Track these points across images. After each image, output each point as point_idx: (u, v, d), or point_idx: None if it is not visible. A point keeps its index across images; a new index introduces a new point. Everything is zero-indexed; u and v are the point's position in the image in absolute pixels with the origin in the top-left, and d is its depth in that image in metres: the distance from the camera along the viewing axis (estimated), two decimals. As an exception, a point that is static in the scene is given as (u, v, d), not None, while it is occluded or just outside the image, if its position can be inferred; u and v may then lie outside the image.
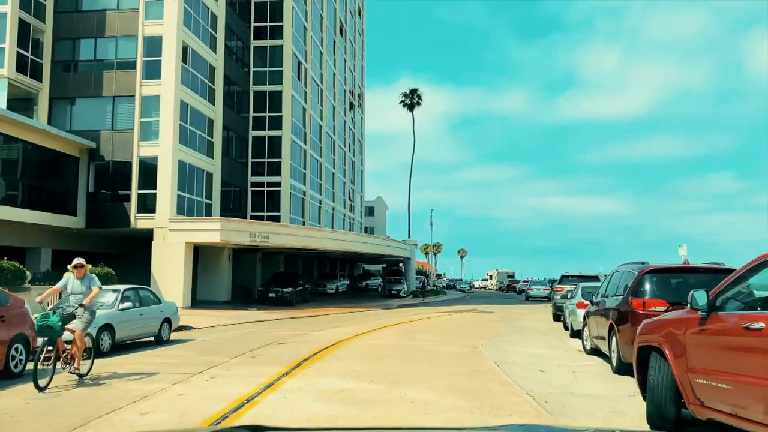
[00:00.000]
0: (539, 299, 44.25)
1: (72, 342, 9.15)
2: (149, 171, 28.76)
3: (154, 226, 28.22)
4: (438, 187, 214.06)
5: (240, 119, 38.90)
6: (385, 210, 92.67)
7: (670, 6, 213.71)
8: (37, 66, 29.32)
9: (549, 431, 3.74)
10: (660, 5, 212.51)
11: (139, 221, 28.55)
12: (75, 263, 9.58)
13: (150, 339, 15.11)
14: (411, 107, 71.37)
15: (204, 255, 32.10)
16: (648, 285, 9.77)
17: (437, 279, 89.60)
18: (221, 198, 34.35)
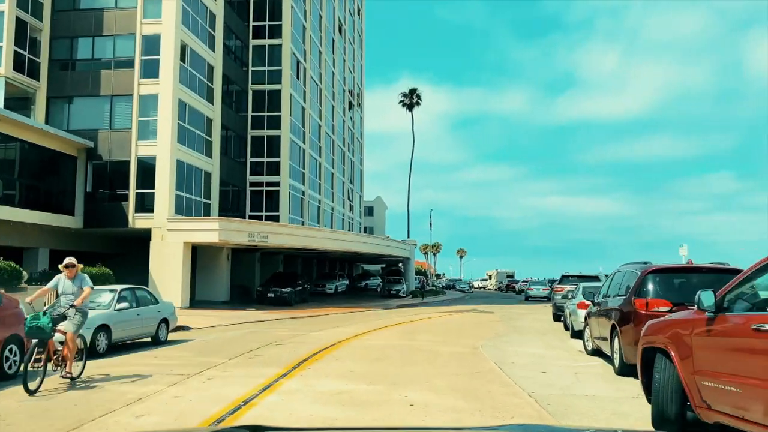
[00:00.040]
0: (539, 299, 44.17)
1: (63, 343, 8.92)
2: (147, 170, 28.62)
3: (152, 225, 28.07)
4: (437, 187, 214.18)
5: (239, 118, 38.76)
6: (385, 210, 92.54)
7: (670, 6, 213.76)
8: (35, 65, 29.17)
9: (549, 431, 3.69)
10: (660, 5, 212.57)
11: (137, 221, 28.41)
12: (66, 263, 9.34)
13: (147, 339, 14.97)
14: (410, 107, 71.26)
15: (202, 255, 31.96)
16: (651, 285, 9.64)
17: (436, 279, 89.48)
18: (220, 198, 34.21)
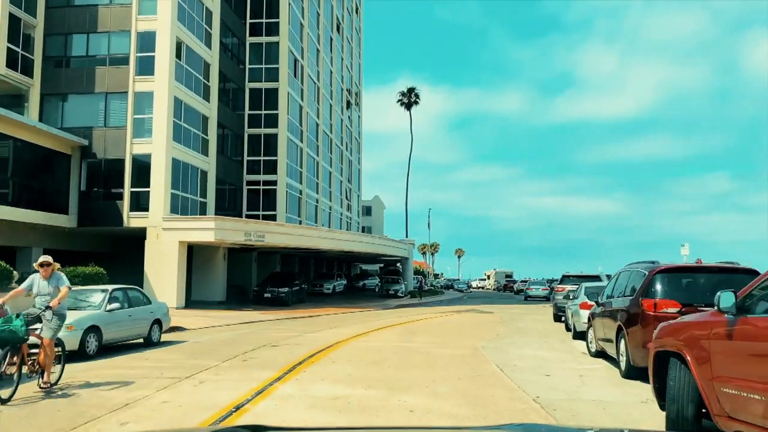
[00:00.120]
0: (538, 299, 44.01)
1: (39, 347, 8.37)
2: (142, 169, 28.23)
3: (147, 224, 27.68)
4: (436, 187, 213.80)
5: (235, 116, 38.37)
6: (383, 209, 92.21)
7: (668, 7, 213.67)
8: (28, 62, 28.74)
9: (550, 431, 3.63)
10: (658, 6, 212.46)
11: (132, 220, 28.01)
12: (41, 261, 8.68)
13: (139, 341, 14.60)
14: (408, 106, 70.93)
15: (198, 254, 31.56)
16: (659, 285, 9.29)
17: (435, 279, 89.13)
18: (216, 196, 33.82)
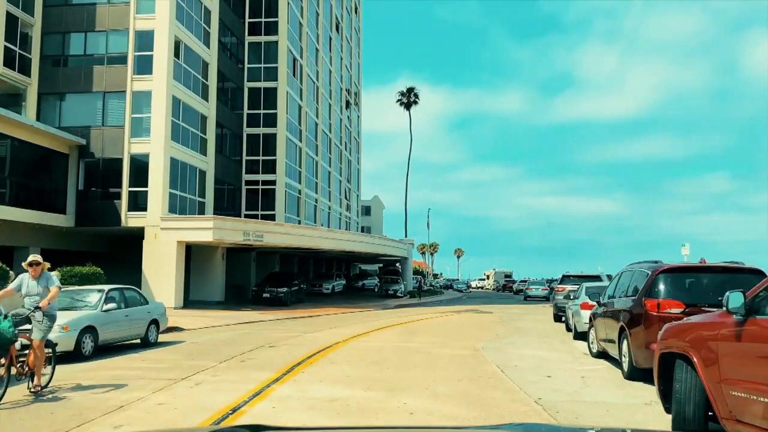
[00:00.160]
0: (537, 299, 43.92)
1: (29, 348, 8.14)
2: (140, 168, 28.08)
3: (145, 224, 27.52)
4: (435, 187, 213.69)
5: (234, 116, 38.21)
6: (382, 209, 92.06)
7: (668, 7, 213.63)
8: (26, 61, 28.58)
9: (550, 430, 3.59)
10: (658, 6, 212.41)
11: (130, 220, 27.85)
12: (30, 260, 8.44)
13: (136, 341, 14.46)
14: (408, 106, 70.74)
15: (197, 254, 31.42)
16: (662, 285, 9.15)
17: (434, 279, 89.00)
18: (215, 196, 33.67)
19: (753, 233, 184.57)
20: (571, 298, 18.77)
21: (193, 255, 31.12)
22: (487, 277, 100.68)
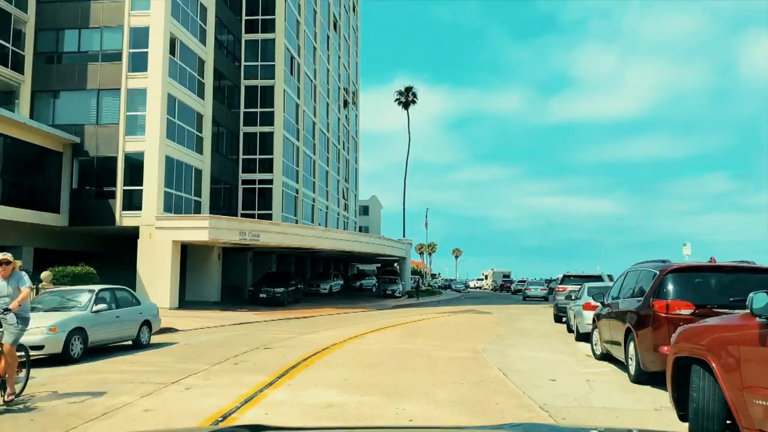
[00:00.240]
0: (537, 299, 43.72)
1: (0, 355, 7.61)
2: (135, 167, 27.69)
3: (140, 224, 27.13)
4: (434, 187, 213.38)
5: (231, 114, 37.83)
6: (380, 209, 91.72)
7: (665, 7, 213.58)
8: (19, 58, 28.18)
9: (551, 430, 3.55)
10: (655, 6, 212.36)
11: (125, 219, 27.47)
12: None
13: (128, 343, 14.10)
14: (406, 105, 70.35)
15: (192, 254, 31.04)
16: (671, 285, 8.80)
17: (432, 279, 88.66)
18: (211, 195, 33.28)
19: (753, 233, 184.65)
20: (573, 298, 18.44)
21: (189, 255, 30.75)
22: (486, 277, 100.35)
